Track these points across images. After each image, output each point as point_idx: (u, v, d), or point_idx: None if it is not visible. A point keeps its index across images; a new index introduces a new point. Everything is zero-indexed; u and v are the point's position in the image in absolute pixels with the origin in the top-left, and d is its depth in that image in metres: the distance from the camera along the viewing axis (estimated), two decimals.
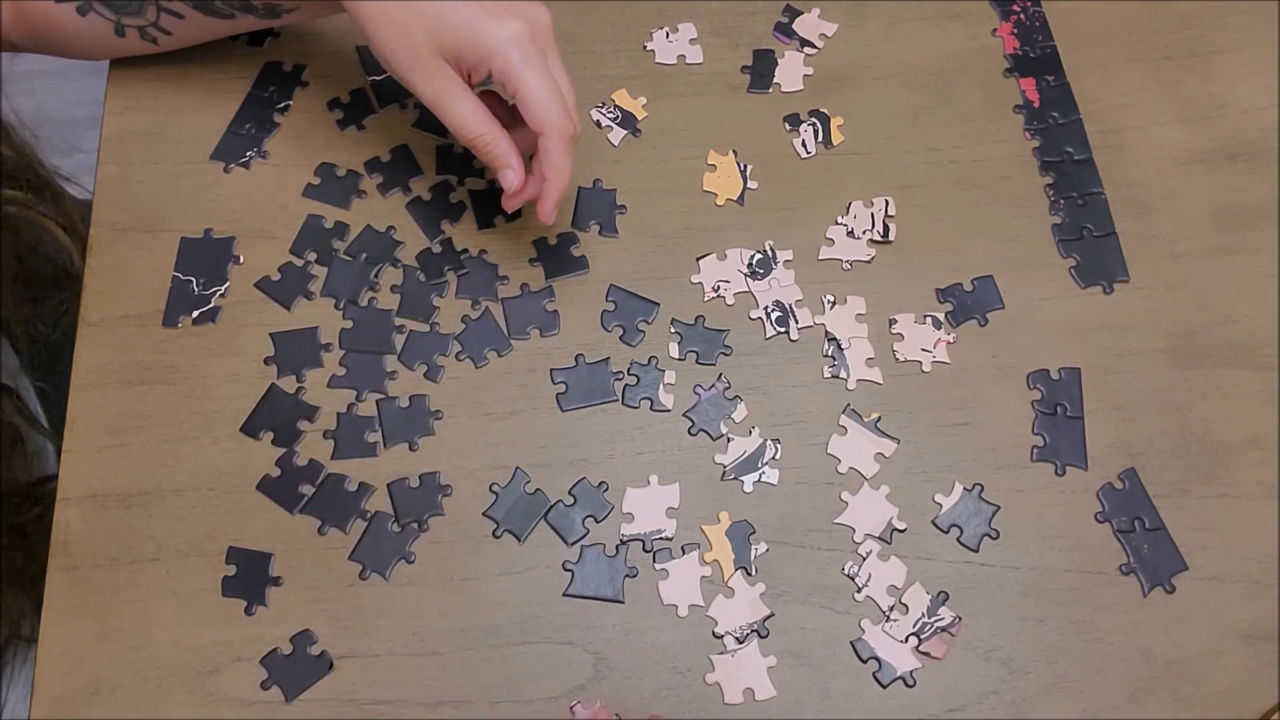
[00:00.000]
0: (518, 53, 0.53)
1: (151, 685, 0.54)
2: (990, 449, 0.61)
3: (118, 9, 0.59)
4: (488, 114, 0.56)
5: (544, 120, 0.54)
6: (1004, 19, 0.72)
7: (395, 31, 0.53)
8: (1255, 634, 0.57)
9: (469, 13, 0.53)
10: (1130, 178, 0.68)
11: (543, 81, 0.53)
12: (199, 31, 0.62)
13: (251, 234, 0.64)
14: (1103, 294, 0.65)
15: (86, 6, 0.59)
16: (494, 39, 0.52)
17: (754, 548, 0.58)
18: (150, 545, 0.57)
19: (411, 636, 0.56)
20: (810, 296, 0.64)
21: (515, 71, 0.53)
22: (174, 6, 0.59)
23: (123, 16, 0.60)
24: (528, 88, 0.53)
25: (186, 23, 0.61)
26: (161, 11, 0.60)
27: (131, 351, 0.61)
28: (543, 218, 0.57)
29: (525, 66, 0.53)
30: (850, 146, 0.68)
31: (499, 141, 0.56)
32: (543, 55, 0.54)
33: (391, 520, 0.58)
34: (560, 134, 0.54)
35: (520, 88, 0.53)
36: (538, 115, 0.54)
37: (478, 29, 0.52)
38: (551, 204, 0.56)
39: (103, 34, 0.61)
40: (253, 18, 0.60)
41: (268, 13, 0.60)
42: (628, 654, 0.56)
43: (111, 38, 0.61)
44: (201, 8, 0.60)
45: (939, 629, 0.57)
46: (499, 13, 0.53)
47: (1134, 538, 0.59)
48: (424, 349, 0.62)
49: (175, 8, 0.59)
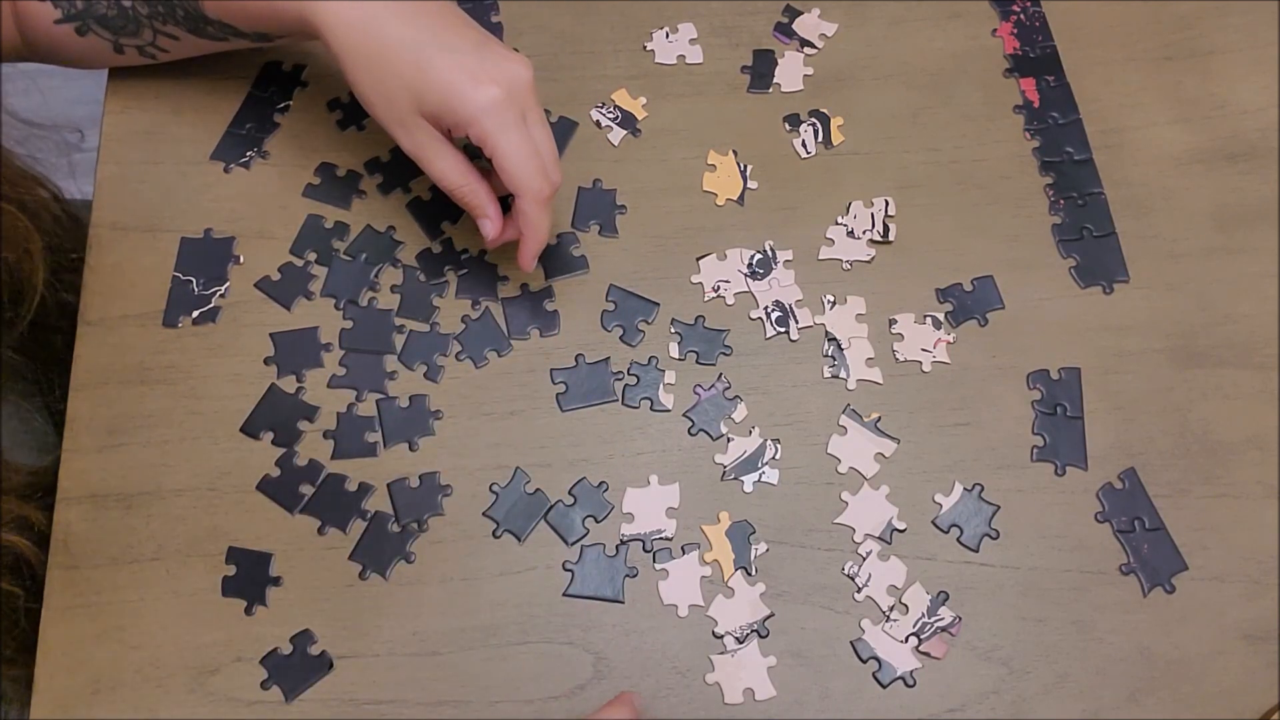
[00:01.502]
0: (493, 120, 0.53)
1: (151, 685, 0.54)
2: (990, 449, 0.61)
3: (115, 30, 0.60)
4: (466, 166, 0.57)
5: (518, 184, 0.55)
6: (1004, 19, 0.72)
7: (377, 87, 0.55)
8: (1255, 634, 0.57)
9: (448, 77, 0.53)
10: (1130, 178, 0.68)
11: (517, 146, 0.54)
12: (195, 49, 0.63)
13: (251, 234, 0.64)
14: (1103, 294, 0.65)
15: (85, 28, 0.60)
16: (471, 107, 0.53)
17: (754, 548, 0.58)
18: (150, 545, 0.57)
19: (411, 636, 0.56)
20: (810, 296, 0.64)
21: (491, 138, 0.54)
22: (169, 29, 0.60)
23: (120, 37, 0.61)
24: (502, 154, 0.54)
25: (182, 43, 0.62)
26: (158, 34, 0.61)
27: (131, 351, 0.61)
28: (522, 266, 0.59)
29: (500, 134, 0.54)
30: (850, 146, 0.68)
31: (477, 193, 0.58)
32: (520, 117, 0.55)
33: (391, 520, 0.58)
34: (534, 196, 0.55)
35: (495, 154, 0.54)
36: (512, 179, 0.55)
37: (455, 96, 0.53)
38: (530, 256, 0.58)
39: (102, 51, 0.62)
40: (246, 40, 0.61)
41: (259, 38, 0.61)
42: (628, 654, 0.56)
43: (111, 54, 0.62)
44: (195, 32, 0.60)
45: (939, 629, 0.57)
46: (479, 77, 0.53)
47: (1134, 538, 0.59)
48: (424, 349, 0.62)
49: (170, 30, 0.60)
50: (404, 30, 0.54)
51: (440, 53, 0.54)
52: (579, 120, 0.68)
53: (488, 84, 0.53)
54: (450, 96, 0.53)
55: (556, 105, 0.68)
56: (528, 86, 0.55)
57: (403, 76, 0.54)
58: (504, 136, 0.54)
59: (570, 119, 0.68)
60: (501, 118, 0.54)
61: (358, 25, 0.54)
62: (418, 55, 0.54)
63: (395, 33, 0.54)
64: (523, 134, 0.54)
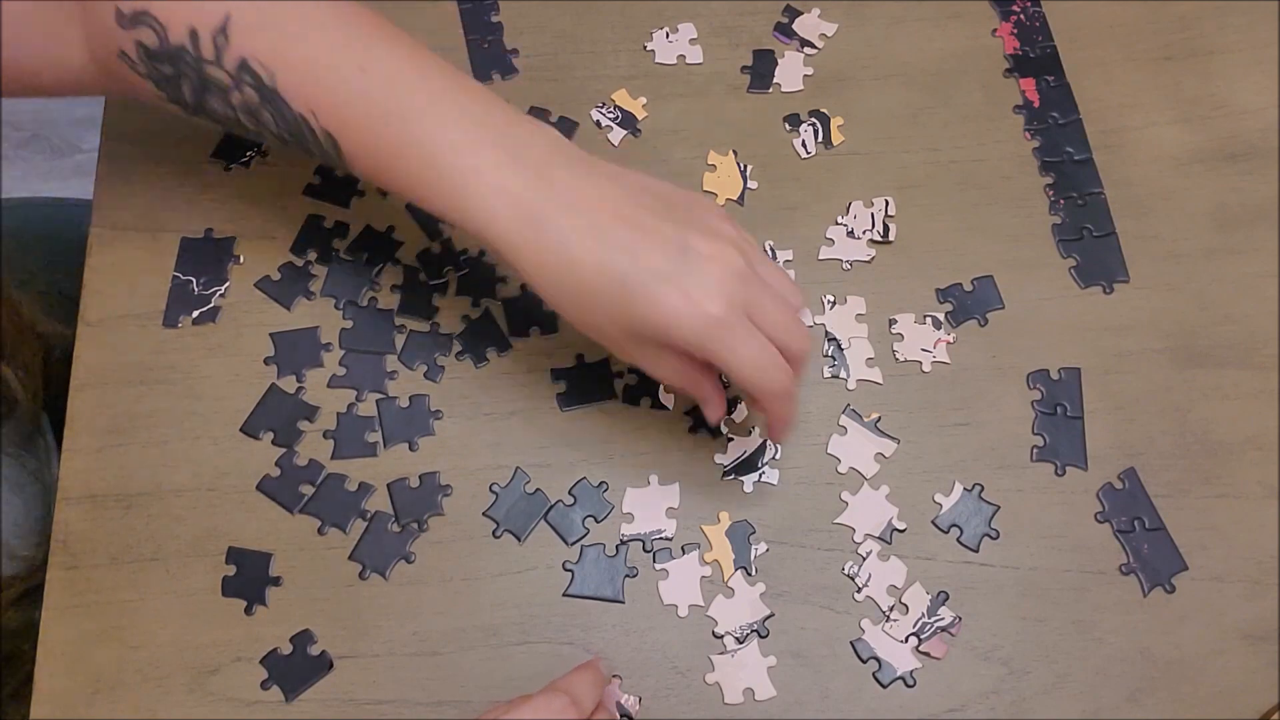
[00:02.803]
0: (716, 341, 0.48)
1: (151, 685, 0.54)
2: (990, 449, 0.61)
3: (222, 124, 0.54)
4: (687, 364, 0.52)
5: (757, 390, 0.50)
6: (1004, 19, 0.72)
7: (583, 317, 0.50)
8: (1255, 634, 0.57)
9: (660, 309, 0.48)
10: (1130, 178, 0.68)
11: (744, 358, 0.49)
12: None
13: (251, 234, 0.64)
14: (1103, 294, 0.65)
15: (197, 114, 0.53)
16: (690, 334, 0.48)
17: (754, 548, 0.58)
18: (150, 545, 0.57)
19: (411, 636, 0.56)
20: (810, 296, 0.64)
21: (717, 358, 0.49)
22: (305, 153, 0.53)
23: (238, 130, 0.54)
24: (733, 370, 0.49)
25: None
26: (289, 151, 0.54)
27: (131, 351, 0.61)
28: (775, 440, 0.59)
29: (726, 352, 0.48)
30: (850, 146, 0.68)
31: (700, 386, 0.53)
32: (744, 319, 0.49)
33: (391, 520, 0.58)
34: (777, 396, 0.51)
35: (726, 369, 0.50)
36: (749, 387, 0.50)
37: (672, 327, 0.48)
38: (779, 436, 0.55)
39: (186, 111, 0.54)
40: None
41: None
42: (628, 654, 0.56)
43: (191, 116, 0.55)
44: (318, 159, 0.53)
45: (939, 629, 0.57)
46: (692, 296, 0.47)
47: (1134, 538, 0.59)
48: (424, 349, 0.62)
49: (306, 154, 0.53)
50: (598, 256, 0.48)
51: (644, 279, 0.47)
52: (579, 120, 0.68)
53: (703, 302, 0.47)
54: (667, 329, 0.48)
55: (556, 105, 0.68)
56: (743, 275, 0.49)
57: (610, 313, 0.49)
58: (731, 354, 0.48)
59: (570, 119, 0.68)
60: (724, 335, 0.48)
61: (548, 261, 0.48)
62: (621, 289, 0.48)
63: (591, 262, 0.48)
64: (749, 341, 0.49)
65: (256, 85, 0.50)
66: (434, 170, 0.49)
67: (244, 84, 0.50)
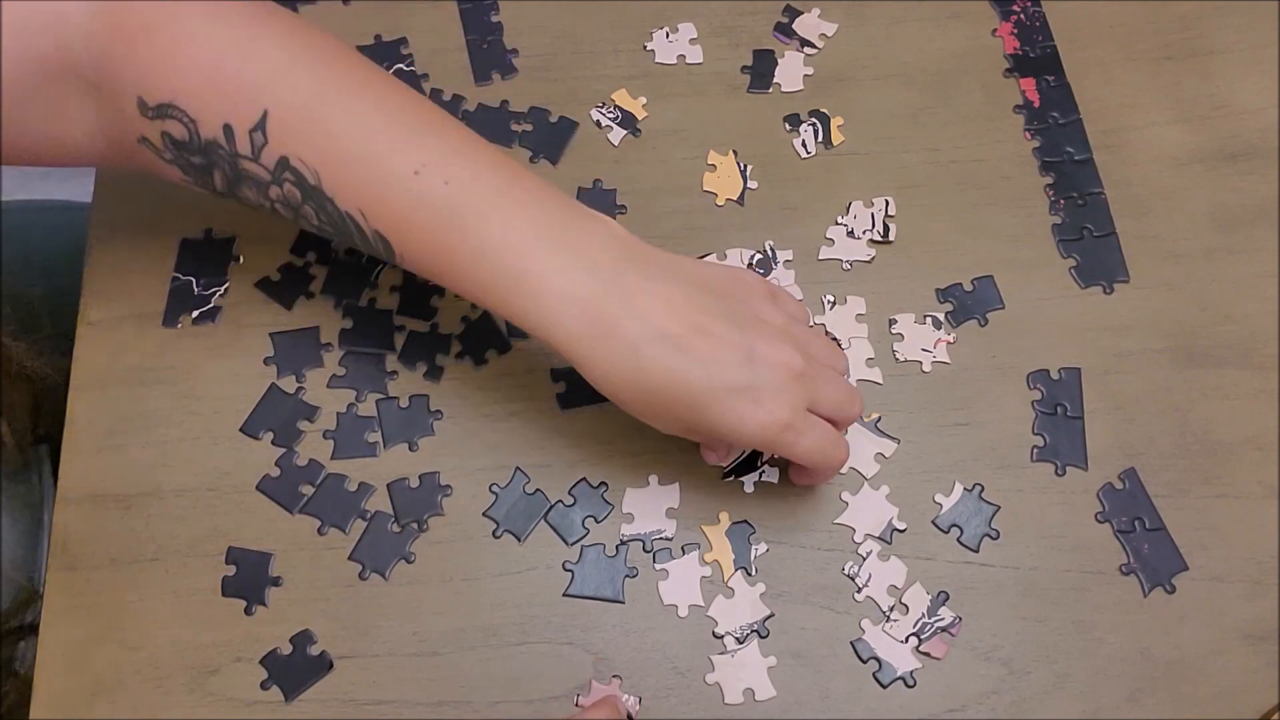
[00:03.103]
0: (785, 442, 0.50)
1: (151, 685, 0.54)
2: (990, 449, 0.61)
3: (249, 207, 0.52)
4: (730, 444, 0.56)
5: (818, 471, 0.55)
6: (1004, 19, 0.72)
7: (647, 414, 0.51)
8: (1255, 634, 0.57)
9: (727, 419, 0.49)
10: (1130, 178, 0.68)
11: (812, 447, 0.51)
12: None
13: (251, 234, 0.64)
14: (1103, 294, 0.65)
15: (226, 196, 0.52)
16: (756, 441, 0.50)
17: (754, 548, 0.58)
18: (150, 545, 0.57)
19: (411, 636, 0.56)
20: (810, 296, 0.64)
21: (785, 453, 0.52)
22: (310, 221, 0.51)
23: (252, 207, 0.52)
24: (799, 459, 0.52)
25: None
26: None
27: (131, 351, 0.61)
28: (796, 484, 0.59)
29: (796, 447, 0.50)
30: (850, 146, 0.68)
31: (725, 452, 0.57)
32: (804, 418, 0.50)
33: (391, 520, 0.58)
34: (834, 470, 0.55)
35: (793, 459, 0.53)
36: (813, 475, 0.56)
37: (739, 435, 0.50)
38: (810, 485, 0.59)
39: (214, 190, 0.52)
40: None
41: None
42: (628, 654, 0.56)
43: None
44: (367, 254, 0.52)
45: (939, 629, 0.57)
46: (759, 401, 0.49)
47: (1134, 538, 0.59)
48: (424, 349, 0.62)
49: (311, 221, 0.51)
50: (669, 365, 0.48)
51: (717, 393, 0.48)
52: (579, 120, 0.68)
53: (774, 410, 0.49)
54: (738, 435, 0.50)
55: (556, 105, 0.68)
56: (803, 375, 0.50)
57: (676, 414, 0.50)
58: (797, 448, 0.50)
59: (570, 119, 0.68)
60: (791, 435, 0.50)
61: (619, 368, 0.48)
62: (693, 399, 0.48)
63: (661, 371, 0.48)
64: (813, 433, 0.50)
65: (298, 183, 0.48)
66: (494, 275, 0.48)
67: (284, 180, 0.48)
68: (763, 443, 0.51)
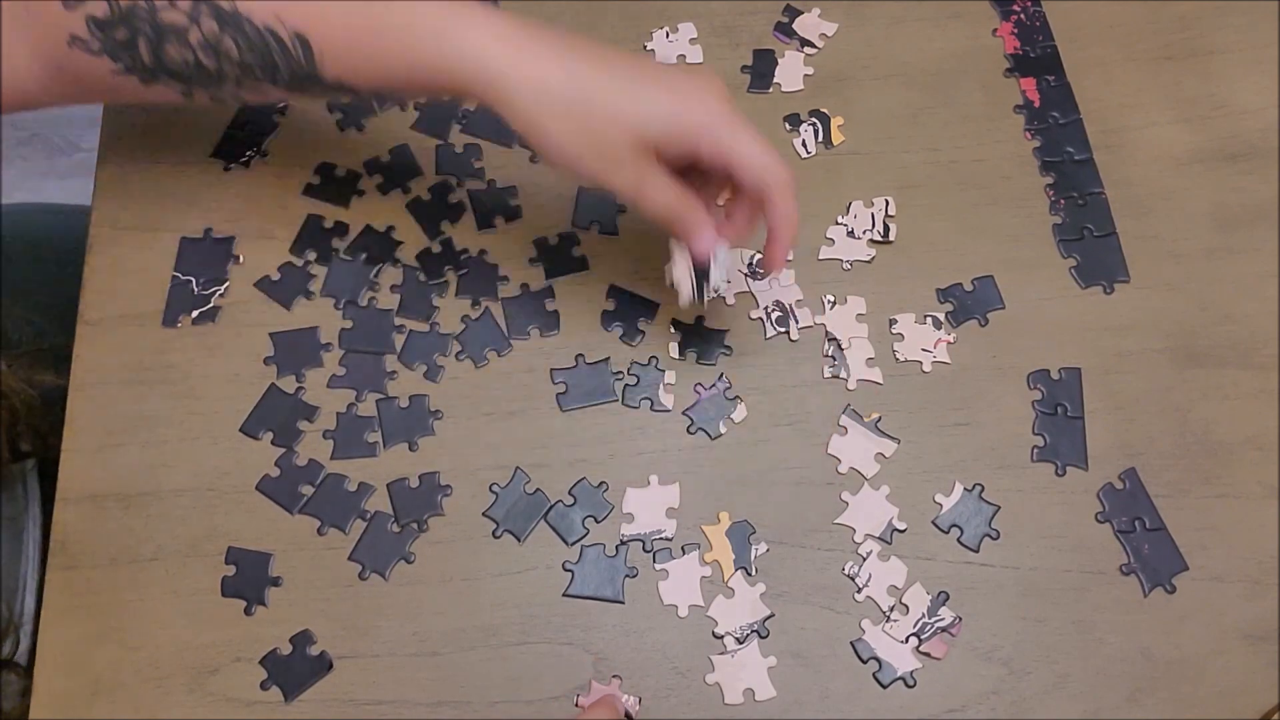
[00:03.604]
0: (726, 124, 0.51)
1: (151, 685, 0.54)
2: (990, 449, 0.61)
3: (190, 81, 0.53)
4: (683, 189, 0.53)
5: (766, 179, 0.52)
6: (1004, 19, 0.72)
7: (582, 136, 0.51)
8: (1255, 634, 0.57)
9: (668, 103, 0.51)
10: (1130, 178, 0.68)
11: (753, 140, 0.51)
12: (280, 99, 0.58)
13: (251, 234, 0.64)
14: (1103, 294, 0.65)
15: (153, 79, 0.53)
16: (701, 119, 0.51)
17: (754, 548, 0.58)
18: (150, 545, 0.57)
19: (411, 636, 0.56)
20: (810, 296, 0.64)
21: (725, 143, 0.51)
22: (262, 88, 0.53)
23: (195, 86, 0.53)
24: (742, 153, 0.51)
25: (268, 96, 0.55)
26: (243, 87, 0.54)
27: (131, 351, 0.61)
28: (774, 268, 0.56)
29: (735, 136, 0.51)
30: (850, 146, 0.68)
31: (696, 208, 0.54)
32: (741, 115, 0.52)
33: (391, 520, 0.58)
34: (785, 185, 0.52)
35: (735, 155, 0.51)
36: (758, 177, 0.52)
37: (683, 114, 0.51)
38: (783, 255, 0.55)
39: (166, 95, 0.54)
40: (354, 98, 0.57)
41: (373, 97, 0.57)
42: (628, 654, 0.56)
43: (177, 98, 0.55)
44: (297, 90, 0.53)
45: (939, 629, 0.57)
46: (689, 91, 0.51)
47: (1134, 538, 0.59)
48: (424, 349, 0.62)
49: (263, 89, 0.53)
50: (605, 75, 0.51)
51: (649, 84, 0.51)
52: None
53: (702, 94, 0.51)
54: (678, 117, 0.51)
55: None
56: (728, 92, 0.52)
57: (617, 117, 0.50)
58: (740, 136, 0.51)
59: None
60: (731, 120, 0.51)
61: (554, 84, 0.50)
62: (629, 92, 0.51)
63: (598, 79, 0.50)
64: (752, 130, 0.52)
65: (215, 13, 0.50)
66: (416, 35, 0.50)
67: (201, 16, 0.49)
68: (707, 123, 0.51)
